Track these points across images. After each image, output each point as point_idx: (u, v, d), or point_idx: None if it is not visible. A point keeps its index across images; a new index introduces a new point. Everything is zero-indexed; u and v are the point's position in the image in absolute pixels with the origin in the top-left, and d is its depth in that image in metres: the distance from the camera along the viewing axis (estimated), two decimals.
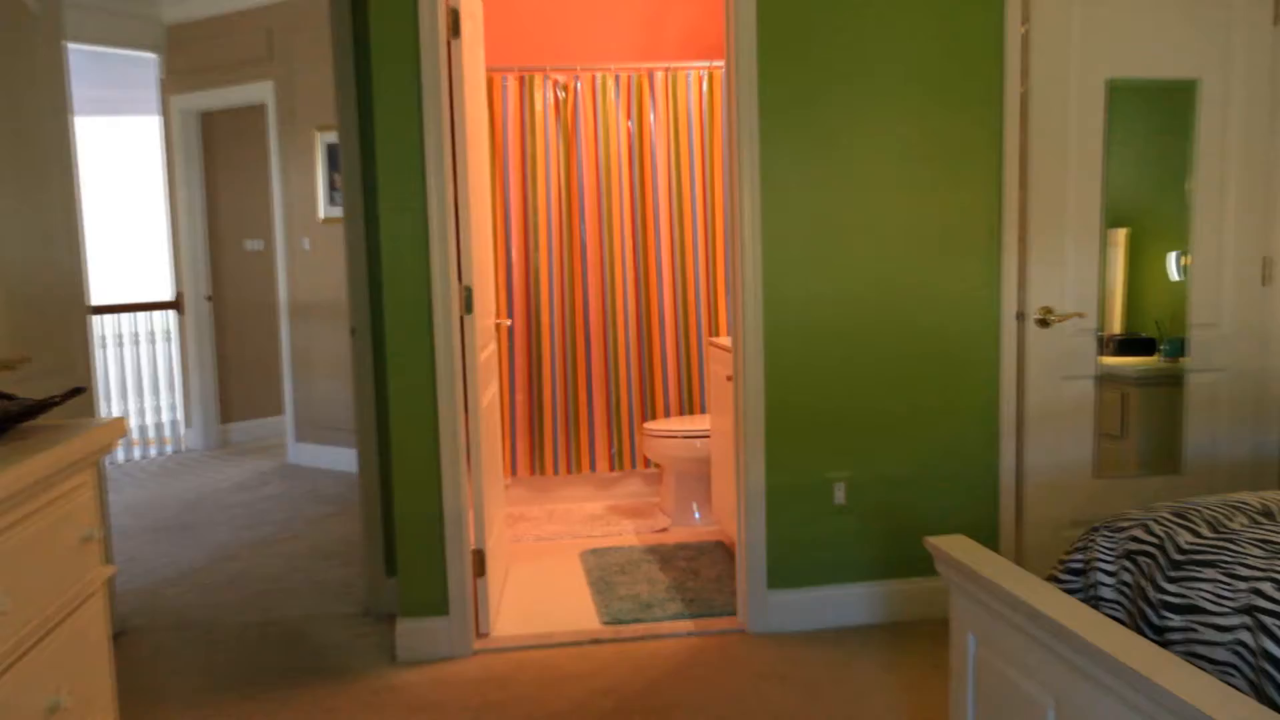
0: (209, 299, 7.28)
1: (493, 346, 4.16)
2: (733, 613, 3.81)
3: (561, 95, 5.33)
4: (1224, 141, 3.80)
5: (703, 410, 5.48)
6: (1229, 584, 1.81)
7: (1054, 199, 3.71)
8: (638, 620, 3.76)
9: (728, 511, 4.37)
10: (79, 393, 2.19)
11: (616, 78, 5.34)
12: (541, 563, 4.50)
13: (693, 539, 4.77)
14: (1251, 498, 2.12)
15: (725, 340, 4.41)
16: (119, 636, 3.80)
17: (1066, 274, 3.75)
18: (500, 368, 5.25)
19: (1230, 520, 2.00)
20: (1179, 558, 1.93)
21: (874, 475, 3.72)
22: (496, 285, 5.24)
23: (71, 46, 5.46)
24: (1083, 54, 3.68)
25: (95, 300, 6.81)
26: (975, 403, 3.76)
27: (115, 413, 7.04)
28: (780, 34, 3.53)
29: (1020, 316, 3.74)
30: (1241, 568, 1.82)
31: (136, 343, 7.24)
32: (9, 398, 2.09)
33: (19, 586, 1.76)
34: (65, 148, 3.59)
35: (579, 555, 4.57)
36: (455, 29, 3.46)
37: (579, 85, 5.32)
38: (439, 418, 3.47)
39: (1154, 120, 3.83)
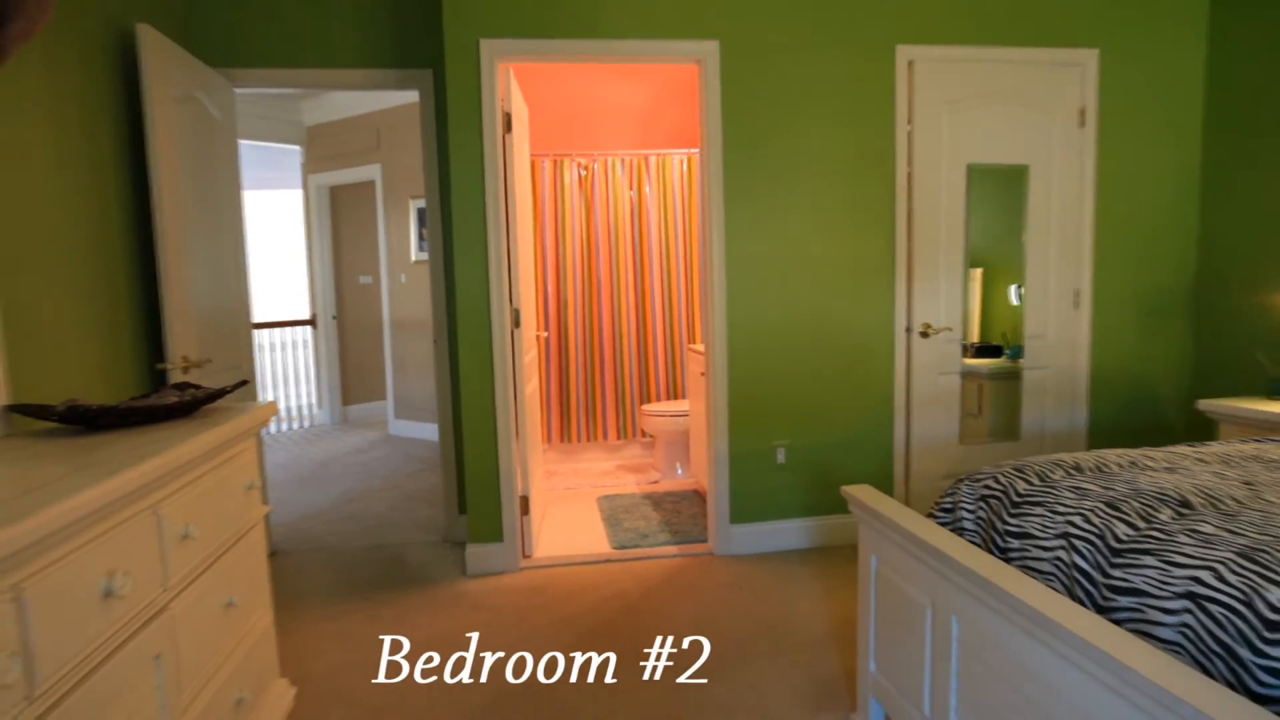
0: (334, 318, 7.28)
1: (534, 351, 4.18)
2: (705, 540, 3.82)
3: (583, 173, 5.35)
4: (1047, 208, 3.82)
5: (684, 396, 5.50)
6: (1051, 518, 1.83)
7: (931, 247, 3.73)
8: (637, 546, 3.77)
9: (702, 468, 4.39)
10: (244, 384, 2.21)
11: (622, 160, 5.36)
12: (569, 505, 4.51)
13: (676, 488, 4.78)
14: (1067, 457, 2.14)
15: (700, 346, 4.42)
16: (273, 556, 3.82)
17: (940, 300, 3.76)
18: (539, 366, 5.27)
19: (1052, 473, 2.02)
20: (1017, 499, 1.95)
21: (806, 443, 3.73)
22: (537, 308, 5.26)
23: (242, 142, 5.50)
24: (950, 146, 3.70)
25: (256, 318, 6.89)
26: (877, 391, 3.77)
27: (269, 398, 7.06)
28: (739, 132, 3.54)
29: (908, 330, 3.76)
30: (1060, 506, 1.84)
31: (284, 349, 7.25)
32: (197, 387, 2.12)
33: (206, 519, 1.79)
34: (237, 212, 3.62)
35: (595, 500, 4.59)
36: (508, 127, 3.48)
37: (596, 166, 5.33)
38: (496, 402, 3.49)
39: (1000, 192, 3.84)
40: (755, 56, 3.52)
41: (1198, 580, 1.43)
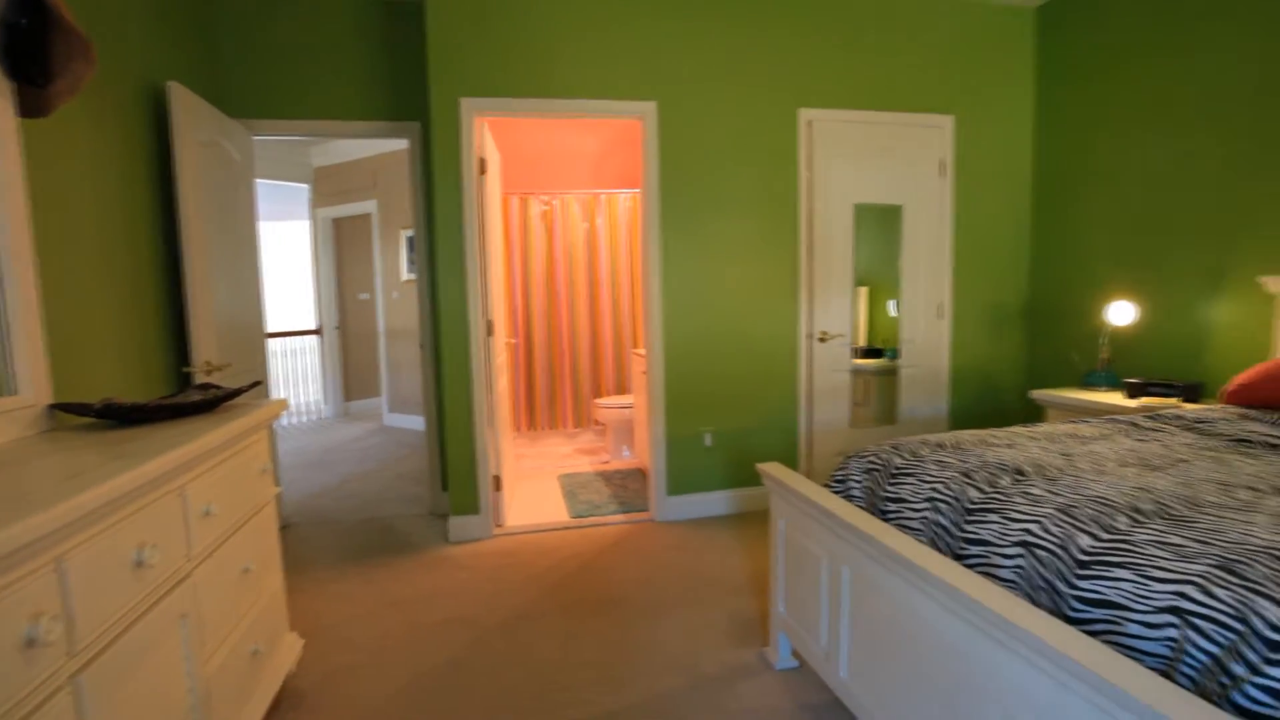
0: (337, 328, 7.10)
1: (505, 355, 4.14)
2: (647, 510, 3.83)
3: (546, 208, 5.32)
4: (915, 240, 3.92)
5: (629, 391, 5.50)
6: (919, 486, 1.87)
7: (826, 269, 3.80)
8: (591, 515, 3.76)
9: (644, 450, 4.40)
10: (258, 384, 2.15)
11: (578, 198, 5.34)
12: (534, 482, 4.48)
13: (623, 467, 4.79)
14: (932, 437, 2.20)
15: (642, 350, 4.44)
16: (284, 529, 3.71)
17: (833, 312, 3.83)
18: (509, 367, 5.22)
19: (921, 450, 2.06)
20: (894, 472, 1.98)
21: (728, 429, 3.77)
22: (507, 319, 5.21)
23: (258, 180, 5.30)
24: (840, 189, 3.78)
25: (271, 329, 6.67)
26: (785, 386, 3.82)
27: (282, 396, 6.85)
28: (673, 176, 3.57)
29: (809, 336, 3.82)
30: (927, 476, 1.89)
31: (296, 354, 7.05)
32: (218, 388, 2.05)
33: (225, 499, 1.73)
34: (253, 239, 3.50)
35: (557, 477, 4.56)
36: (483, 170, 3.45)
37: (556, 203, 5.31)
38: (473, 397, 3.44)
39: (880, 226, 3.94)
40: (686, 115, 3.55)
41: (1028, 531, 1.49)
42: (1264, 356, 2.91)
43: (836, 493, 2.14)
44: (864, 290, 4.04)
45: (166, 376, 2.78)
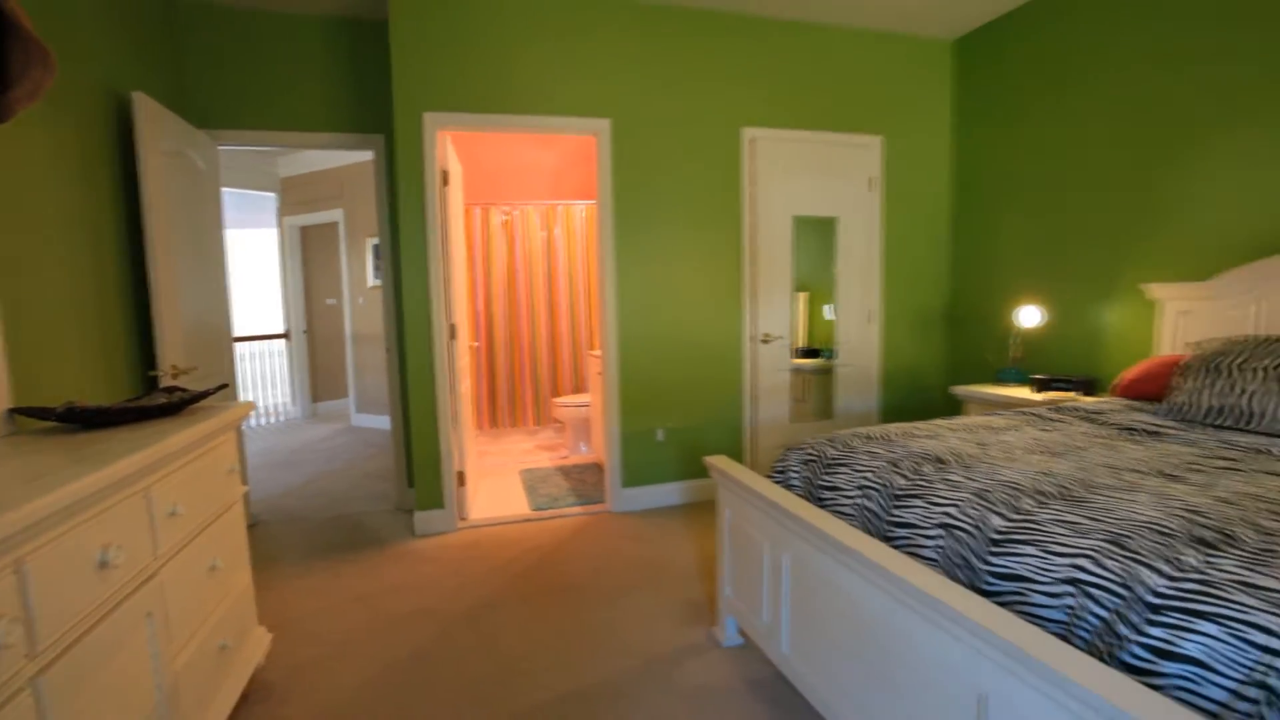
0: (305, 332, 6.90)
1: (468, 357, 4.09)
2: (603, 502, 3.82)
3: (506, 218, 5.27)
4: (849, 249, 4.00)
5: (586, 390, 5.49)
6: (852, 475, 1.91)
7: (769, 276, 3.85)
8: (551, 507, 3.74)
9: (600, 446, 4.39)
10: (225, 387, 2.08)
11: (537, 208, 5.31)
12: (497, 477, 4.42)
13: (581, 462, 4.77)
14: (863, 430, 2.24)
15: (598, 352, 4.43)
16: (252, 527, 3.59)
17: (775, 316, 3.88)
18: (472, 368, 5.16)
19: (853, 442, 2.10)
20: (829, 462, 2.02)
21: (679, 425, 3.79)
22: (470, 323, 5.15)
23: (226, 189, 5.10)
24: (781, 202, 3.84)
25: (240, 334, 6.44)
26: (730, 385, 3.85)
27: (250, 399, 6.61)
28: (626, 188, 3.57)
29: (753, 338, 3.86)
30: (859, 466, 1.93)
31: (265, 357, 6.80)
32: (184, 390, 1.98)
33: (191, 499, 1.67)
34: (219, 246, 3.38)
35: (518, 472, 4.51)
36: (445, 181, 3.40)
37: (516, 213, 5.27)
38: (437, 397, 3.39)
39: (817, 236, 4.01)
40: (638, 131, 3.56)
41: (948, 514, 1.55)
42: (1148, 354, 3.07)
43: (777, 483, 2.17)
44: (803, 295, 4.11)
45: (132, 380, 2.66)
